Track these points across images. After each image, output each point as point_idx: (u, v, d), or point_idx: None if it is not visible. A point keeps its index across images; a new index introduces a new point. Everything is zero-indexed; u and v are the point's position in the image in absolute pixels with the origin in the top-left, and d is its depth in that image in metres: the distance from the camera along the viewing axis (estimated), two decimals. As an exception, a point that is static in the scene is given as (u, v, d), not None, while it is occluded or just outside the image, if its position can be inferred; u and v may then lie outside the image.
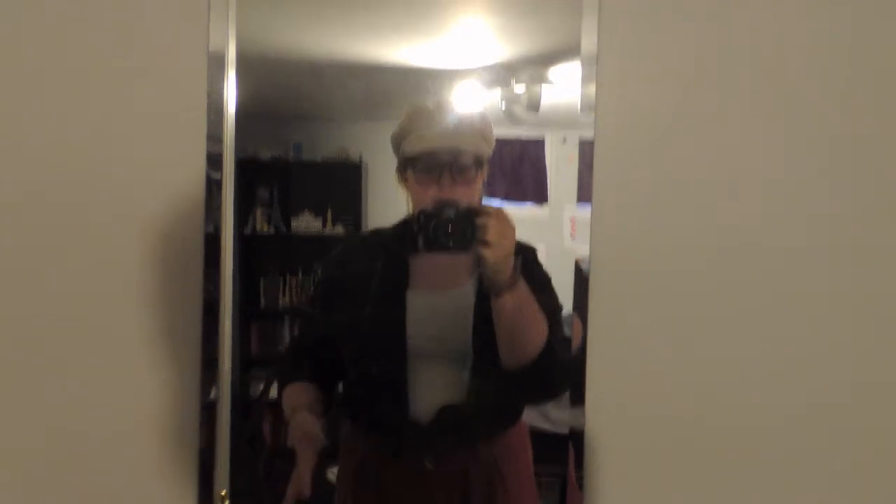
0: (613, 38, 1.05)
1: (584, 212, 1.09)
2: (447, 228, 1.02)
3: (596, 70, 1.06)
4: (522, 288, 1.03)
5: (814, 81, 1.06)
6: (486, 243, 0.99)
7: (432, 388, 1.11)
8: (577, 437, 1.10)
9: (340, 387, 1.23)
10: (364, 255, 1.19)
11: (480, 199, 1.15)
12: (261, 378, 1.52)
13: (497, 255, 1.00)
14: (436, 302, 1.12)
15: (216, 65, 1.05)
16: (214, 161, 1.05)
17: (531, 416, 1.19)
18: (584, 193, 1.09)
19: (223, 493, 1.04)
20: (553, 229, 1.23)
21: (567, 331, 1.10)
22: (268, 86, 1.25)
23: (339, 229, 1.44)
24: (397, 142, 1.16)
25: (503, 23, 1.19)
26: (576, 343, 1.08)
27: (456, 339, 1.10)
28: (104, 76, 1.03)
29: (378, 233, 1.22)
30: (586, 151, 1.08)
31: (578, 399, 1.10)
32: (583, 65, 1.07)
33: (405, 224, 1.14)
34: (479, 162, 1.12)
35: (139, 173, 1.03)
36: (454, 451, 1.11)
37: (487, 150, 1.14)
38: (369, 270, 1.15)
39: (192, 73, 1.03)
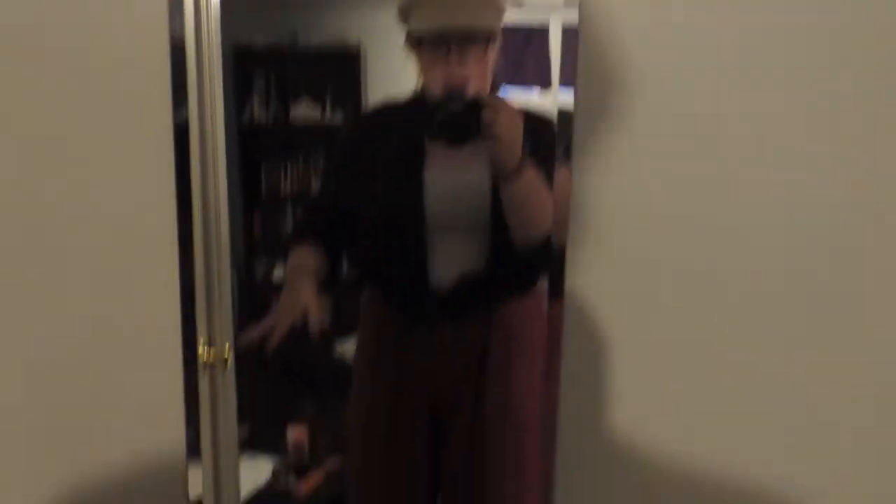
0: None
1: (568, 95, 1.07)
2: (451, 124, 1.02)
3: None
4: (530, 173, 1.04)
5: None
6: (491, 136, 1.00)
7: (451, 258, 1.13)
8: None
9: (355, 258, 1.24)
10: (379, 130, 1.18)
11: (491, 74, 1.12)
12: (264, 264, 1.57)
13: (502, 147, 1.01)
14: (453, 176, 1.13)
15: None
16: (178, 44, 1.00)
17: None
18: (567, 77, 1.07)
19: (226, 356, 1.09)
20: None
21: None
22: (259, -32, 1.21)
23: (339, 118, 1.43)
24: (404, 14, 1.12)
25: None
26: (564, 188, 1.07)
27: (474, 211, 1.11)
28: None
29: (389, 108, 1.20)
30: (570, 37, 1.04)
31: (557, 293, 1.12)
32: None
33: (416, 101, 1.13)
34: (489, 36, 1.09)
35: (101, 55, 0.98)
36: (472, 319, 1.15)
37: (498, 23, 1.10)
38: (385, 145, 1.15)
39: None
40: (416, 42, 1.09)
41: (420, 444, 1.19)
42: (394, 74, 1.41)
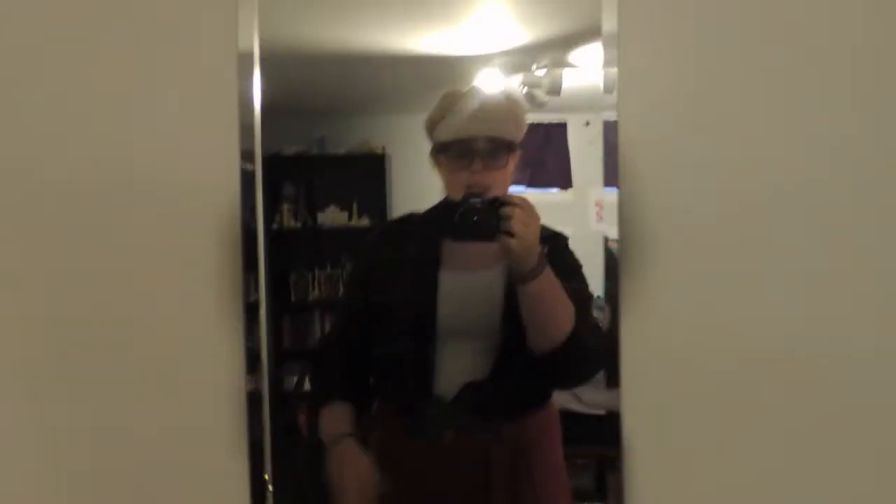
0: (635, 16, 1.04)
1: (611, 195, 1.08)
2: (472, 220, 1.04)
3: (617, 50, 1.05)
4: (548, 276, 1.05)
5: (844, 58, 1.04)
6: (510, 234, 1.01)
7: (458, 366, 1.12)
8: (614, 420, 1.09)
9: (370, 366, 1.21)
10: (397, 238, 1.20)
11: (510, 183, 1.15)
12: (294, 371, 1.53)
13: (521, 246, 1.02)
14: (467, 281, 1.13)
15: (245, 63, 1.05)
16: (248, 158, 1.05)
17: (563, 398, 1.19)
18: (611, 176, 1.08)
19: (266, 478, 1.05)
20: (578, 213, 1.23)
21: (598, 316, 1.09)
22: (289, 81, 1.26)
23: (366, 221, 1.45)
24: (431, 126, 1.17)
25: (523, 6, 1.19)
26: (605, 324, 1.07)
27: (485, 318, 1.11)
28: (133, 78, 1.03)
29: (411, 218, 1.23)
30: (610, 133, 1.07)
31: (614, 382, 1.10)
32: (604, 45, 1.06)
33: (437, 209, 1.15)
34: (510, 146, 1.13)
35: (172, 174, 1.04)
36: (475, 430, 1.11)
37: (519, 135, 1.15)
38: (402, 253, 1.16)
39: (221, 72, 1.03)
40: (442, 150, 1.13)
41: None
42: (419, 179, 1.43)
